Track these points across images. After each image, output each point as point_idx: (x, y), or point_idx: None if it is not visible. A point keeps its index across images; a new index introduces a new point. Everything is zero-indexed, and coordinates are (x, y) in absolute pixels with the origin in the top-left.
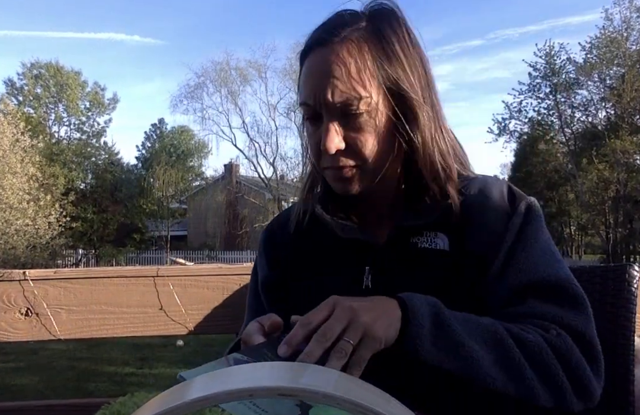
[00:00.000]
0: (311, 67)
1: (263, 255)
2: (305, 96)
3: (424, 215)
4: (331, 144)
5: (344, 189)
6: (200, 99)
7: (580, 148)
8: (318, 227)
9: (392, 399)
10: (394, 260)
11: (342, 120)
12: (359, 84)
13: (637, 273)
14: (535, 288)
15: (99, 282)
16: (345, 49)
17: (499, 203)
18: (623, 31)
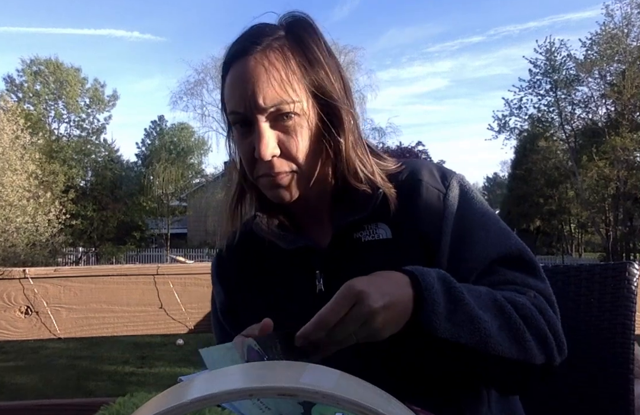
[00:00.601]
0: (238, 75)
1: (217, 282)
2: (234, 104)
3: (360, 210)
4: (266, 149)
5: (281, 196)
6: (200, 95)
7: (580, 145)
8: (259, 243)
9: (392, 399)
10: (342, 259)
11: (274, 125)
12: (289, 87)
13: (637, 271)
14: (502, 260)
15: (99, 281)
16: (271, 56)
17: (430, 182)
18: (623, 27)
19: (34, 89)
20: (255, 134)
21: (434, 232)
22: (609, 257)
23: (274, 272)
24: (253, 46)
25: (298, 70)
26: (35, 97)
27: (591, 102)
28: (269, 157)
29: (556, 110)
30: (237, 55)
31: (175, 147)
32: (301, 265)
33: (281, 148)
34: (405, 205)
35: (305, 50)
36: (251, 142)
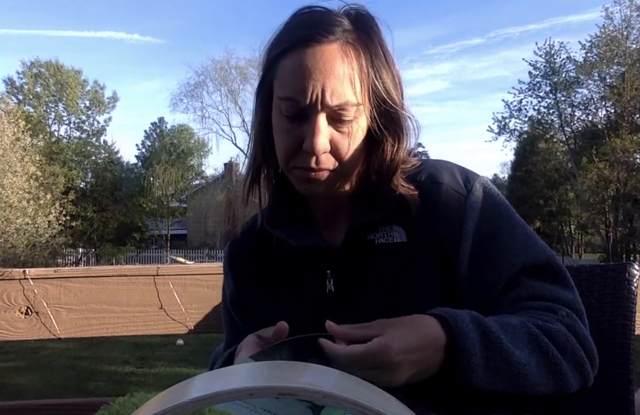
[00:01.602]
0: (306, 63)
1: (228, 273)
2: (294, 93)
3: (376, 210)
4: (320, 145)
5: (314, 191)
6: (200, 97)
7: (580, 147)
8: (269, 238)
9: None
10: (354, 261)
11: (330, 122)
12: (356, 88)
13: (637, 272)
14: (529, 270)
15: (99, 281)
16: (346, 51)
17: (451, 184)
18: (623, 30)
19: (34, 91)
20: (310, 127)
21: (453, 237)
22: (609, 258)
23: (283, 269)
24: (326, 35)
25: (366, 71)
26: (35, 99)
27: (591, 104)
28: (321, 152)
29: (556, 112)
30: (305, 41)
31: (175, 148)
32: (311, 263)
33: (331, 145)
34: (423, 208)
35: (374, 51)
36: (300, 133)
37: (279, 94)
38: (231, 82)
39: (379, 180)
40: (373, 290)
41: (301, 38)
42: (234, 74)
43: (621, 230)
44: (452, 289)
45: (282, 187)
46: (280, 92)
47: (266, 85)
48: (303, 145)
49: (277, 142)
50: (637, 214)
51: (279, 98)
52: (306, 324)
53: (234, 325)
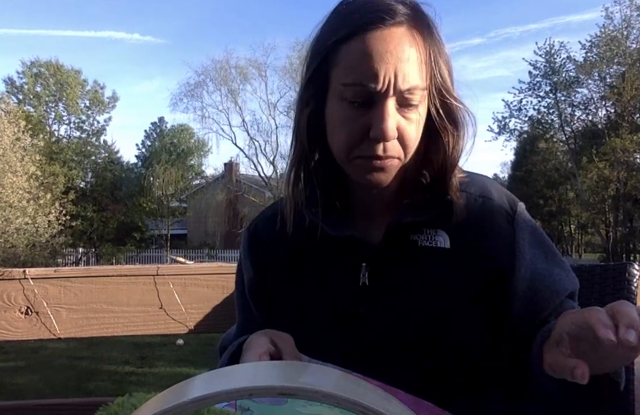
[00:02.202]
0: (377, 46)
1: (247, 256)
2: (363, 77)
3: (424, 212)
4: (390, 131)
5: (379, 181)
6: (200, 97)
7: (580, 146)
8: (305, 225)
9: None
10: (393, 258)
11: (398, 108)
12: (422, 74)
13: (637, 271)
14: (570, 295)
15: (99, 281)
16: (415, 34)
17: (499, 202)
18: (623, 29)
19: (34, 91)
20: (378, 112)
21: (506, 255)
22: (609, 258)
23: (311, 259)
24: (393, 18)
25: (429, 57)
26: (35, 99)
27: (591, 103)
28: (391, 139)
29: (556, 112)
30: (373, 23)
31: (175, 148)
32: (346, 255)
33: (397, 132)
34: (471, 220)
35: (434, 39)
36: (366, 120)
37: (343, 80)
38: (231, 82)
39: (432, 177)
40: (410, 290)
41: (367, 21)
42: (234, 73)
43: (621, 230)
44: (495, 305)
45: (325, 177)
46: (345, 78)
47: (321, 75)
48: (370, 133)
49: (337, 131)
50: (637, 213)
51: (343, 85)
52: (334, 314)
53: (248, 312)
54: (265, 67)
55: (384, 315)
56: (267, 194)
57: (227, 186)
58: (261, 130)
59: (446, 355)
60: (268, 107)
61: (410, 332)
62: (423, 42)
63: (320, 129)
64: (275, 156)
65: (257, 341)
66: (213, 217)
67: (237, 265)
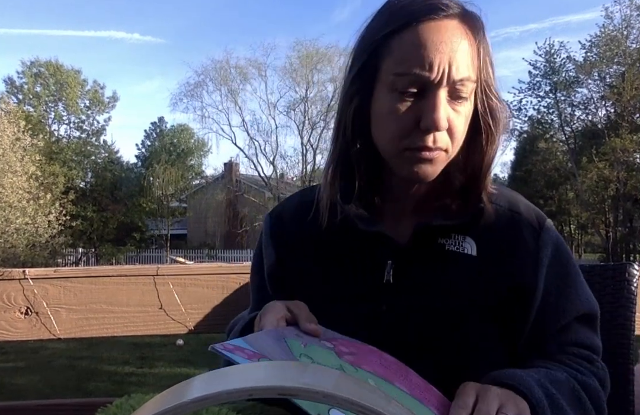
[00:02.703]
0: (432, 35)
1: (270, 241)
2: (418, 66)
3: (454, 217)
4: (443, 121)
5: (426, 173)
6: (200, 97)
7: (580, 146)
8: (334, 217)
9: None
10: (419, 259)
11: (448, 100)
12: (473, 67)
13: (636, 272)
14: (582, 317)
15: (98, 281)
16: (468, 25)
17: (527, 217)
18: (623, 29)
19: (34, 91)
20: (430, 103)
21: (531, 271)
22: (609, 258)
23: (343, 248)
24: (446, 10)
25: (478, 52)
26: (35, 98)
27: (591, 103)
28: (442, 130)
29: (556, 112)
30: (427, 14)
31: (175, 148)
32: (373, 250)
33: (447, 124)
34: (499, 231)
35: (483, 36)
36: (417, 111)
37: (395, 70)
38: (231, 82)
39: (466, 181)
40: (433, 292)
41: (421, 13)
42: (234, 73)
43: (621, 230)
44: (514, 319)
45: (365, 172)
46: (397, 68)
47: (369, 69)
48: (421, 123)
49: (386, 122)
50: (637, 214)
51: (395, 75)
52: (356, 308)
53: (264, 297)
54: (265, 67)
55: (405, 314)
56: (267, 194)
57: (227, 186)
58: (261, 130)
59: (461, 361)
60: (268, 107)
61: (429, 333)
62: (473, 37)
63: (363, 125)
64: (275, 156)
65: (274, 306)
66: (213, 217)
67: (257, 249)
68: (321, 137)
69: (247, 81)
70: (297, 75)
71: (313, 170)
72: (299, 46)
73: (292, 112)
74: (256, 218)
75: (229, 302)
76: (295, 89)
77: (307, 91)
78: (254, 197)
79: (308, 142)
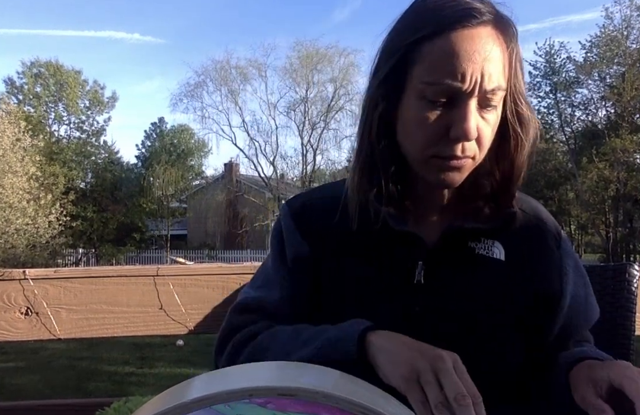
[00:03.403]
0: (465, 44)
1: (295, 231)
2: (450, 76)
3: (486, 221)
4: (473, 131)
5: (452, 180)
6: (200, 97)
7: (580, 147)
8: (365, 214)
9: (392, 399)
10: (449, 261)
11: (478, 108)
12: (504, 75)
13: (637, 272)
14: (590, 324)
15: (99, 282)
16: (500, 33)
17: (550, 226)
18: (623, 30)
19: (34, 91)
20: (460, 112)
21: (556, 279)
22: (609, 259)
23: (374, 245)
24: (479, 17)
25: (509, 60)
26: (35, 99)
27: (591, 104)
28: (473, 138)
29: (556, 112)
30: (460, 22)
31: (175, 148)
32: (403, 250)
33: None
34: (526, 237)
35: (515, 42)
36: (446, 119)
37: (425, 78)
38: (231, 82)
39: (496, 185)
40: (464, 296)
41: (454, 19)
42: (234, 74)
43: (621, 230)
44: (540, 325)
45: (388, 172)
46: (428, 77)
47: (397, 74)
48: (450, 132)
49: (414, 130)
50: (637, 214)
51: (425, 83)
52: (391, 307)
53: (280, 285)
54: (265, 67)
55: (438, 317)
56: (267, 195)
57: (227, 187)
58: (261, 131)
59: (490, 366)
60: (268, 108)
61: (458, 336)
62: (506, 44)
63: (389, 128)
64: (275, 156)
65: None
66: (213, 218)
67: (276, 236)
68: (321, 137)
69: (248, 81)
70: (297, 75)
71: (313, 171)
72: (299, 46)
73: (292, 112)
74: (256, 218)
75: (229, 302)
76: (295, 89)
77: (307, 91)
78: (254, 198)
79: (308, 143)
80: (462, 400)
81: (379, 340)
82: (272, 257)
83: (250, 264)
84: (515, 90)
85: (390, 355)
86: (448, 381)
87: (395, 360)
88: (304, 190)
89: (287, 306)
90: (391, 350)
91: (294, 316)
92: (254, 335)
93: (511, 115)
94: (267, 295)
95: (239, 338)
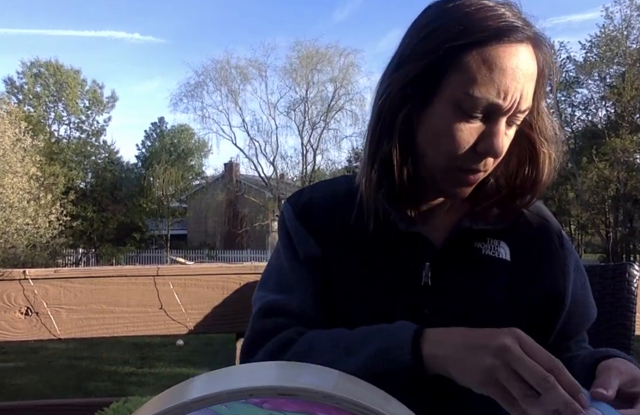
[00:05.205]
0: (510, 63)
1: (300, 228)
2: (492, 93)
3: (493, 222)
4: (503, 149)
5: (465, 193)
6: (200, 97)
7: (580, 147)
8: (371, 215)
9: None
10: (458, 262)
11: (505, 125)
12: (533, 95)
13: (637, 272)
14: (588, 326)
15: (99, 282)
16: (534, 52)
17: (554, 227)
18: (623, 29)
19: (34, 91)
20: (492, 128)
21: (560, 280)
22: (609, 258)
23: (382, 246)
24: (523, 33)
25: (542, 77)
26: (35, 99)
27: (591, 104)
28: (501, 156)
29: (556, 112)
30: (507, 34)
31: (175, 148)
32: (411, 251)
33: None
34: (532, 237)
35: (547, 59)
36: (475, 132)
37: (465, 89)
38: (231, 82)
39: (515, 189)
40: (470, 296)
41: (500, 32)
42: (234, 74)
43: (621, 230)
44: (544, 325)
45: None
46: (468, 88)
47: (430, 76)
48: (478, 146)
49: (442, 137)
50: (637, 214)
51: (464, 94)
52: (400, 309)
53: (310, 284)
54: (265, 67)
55: (447, 317)
56: (267, 195)
57: (227, 186)
58: (261, 131)
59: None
60: (268, 108)
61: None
62: (540, 64)
63: (409, 128)
64: (275, 156)
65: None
66: (213, 218)
67: (284, 237)
68: (321, 137)
69: (248, 81)
70: (297, 75)
71: (313, 171)
72: (299, 46)
73: (292, 112)
74: (256, 218)
75: (229, 302)
76: (295, 89)
77: (307, 91)
78: (254, 198)
79: (308, 143)
80: (545, 383)
81: (432, 349)
82: (286, 258)
83: (251, 264)
84: (539, 103)
85: (456, 362)
86: (524, 369)
87: (463, 367)
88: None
89: (311, 305)
90: (454, 357)
91: (319, 316)
92: (290, 341)
93: (537, 127)
94: (289, 296)
95: (273, 347)
